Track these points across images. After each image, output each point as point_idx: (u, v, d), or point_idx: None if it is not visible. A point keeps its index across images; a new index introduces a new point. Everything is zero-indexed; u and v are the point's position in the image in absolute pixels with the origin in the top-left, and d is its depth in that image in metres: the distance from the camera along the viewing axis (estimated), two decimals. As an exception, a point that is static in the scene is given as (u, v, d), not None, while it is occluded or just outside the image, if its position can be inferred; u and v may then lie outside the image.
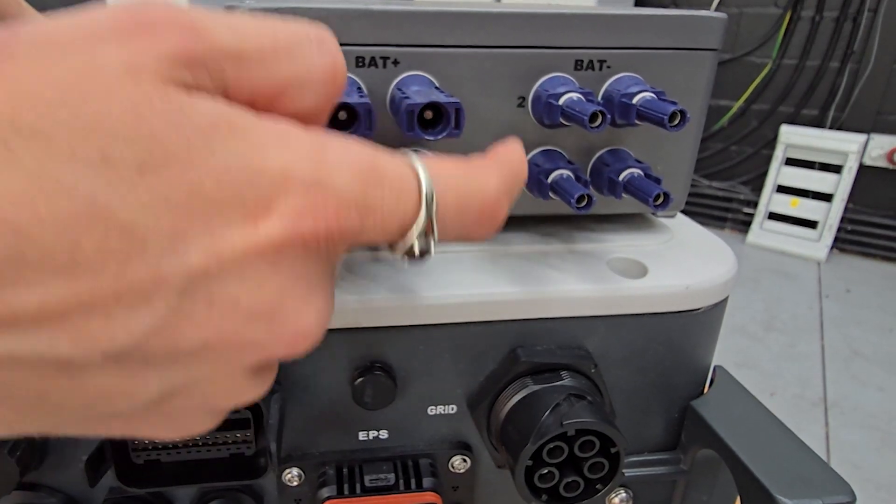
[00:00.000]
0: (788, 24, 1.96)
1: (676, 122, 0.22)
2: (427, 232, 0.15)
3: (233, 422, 0.24)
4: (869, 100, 1.91)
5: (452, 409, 0.26)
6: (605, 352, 0.26)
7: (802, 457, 0.25)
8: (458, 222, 0.16)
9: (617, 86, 0.25)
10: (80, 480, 0.25)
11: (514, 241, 0.28)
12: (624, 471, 0.26)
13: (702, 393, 0.28)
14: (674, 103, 0.22)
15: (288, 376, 0.25)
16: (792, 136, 2.00)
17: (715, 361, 0.29)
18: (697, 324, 0.27)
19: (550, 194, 0.25)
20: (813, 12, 1.92)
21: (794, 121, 2.03)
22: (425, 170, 0.15)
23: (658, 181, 0.24)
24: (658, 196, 0.23)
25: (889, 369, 1.49)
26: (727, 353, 1.54)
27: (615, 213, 0.30)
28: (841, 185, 1.96)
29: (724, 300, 0.27)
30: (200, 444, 0.24)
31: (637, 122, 0.24)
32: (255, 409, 0.24)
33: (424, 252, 0.15)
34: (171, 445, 0.24)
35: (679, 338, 0.27)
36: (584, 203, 0.23)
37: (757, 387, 1.44)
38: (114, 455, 0.23)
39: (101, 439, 0.23)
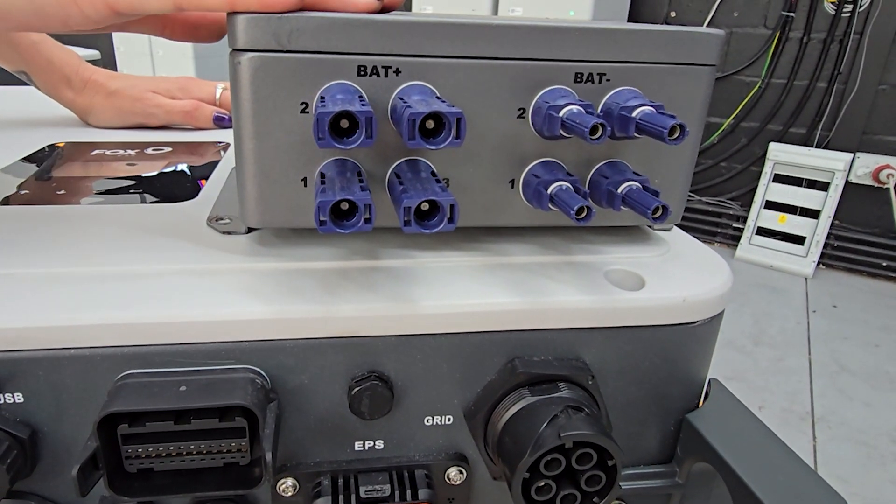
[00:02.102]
0: (777, 44, 1.99)
1: (676, 135, 0.22)
2: None
3: (228, 430, 0.23)
4: (855, 119, 1.94)
5: (449, 419, 0.26)
6: (602, 363, 0.26)
7: (797, 470, 0.25)
8: None
9: (616, 99, 0.25)
10: (70, 489, 0.25)
11: (512, 251, 0.28)
12: (620, 483, 0.26)
13: (697, 406, 0.28)
14: (673, 117, 0.23)
15: (285, 385, 0.25)
16: (780, 154, 2.02)
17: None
18: (694, 336, 0.27)
19: (550, 205, 0.25)
20: (801, 33, 1.95)
21: (782, 139, 2.06)
22: None
23: (656, 194, 0.25)
24: (657, 209, 0.23)
25: (875, 384, 1.50)
26: (717, 366, 1.53)
27: (613, 225, 0.30)
28: (828, 203, 1.98)
29: (720, 313, 0.27)
30: (195, 452, 0.24)
31: (636, 135, 0.24)
32: (250, 417, 0.23)
33: None
34: (164, 454, 0.24)
35: (675, 350, 0.27)
36: (583, 215, 0.23)
37: (746, 400, 1.43)
38: (106, 463, 0.23)
39: (95, 447, 0.23)
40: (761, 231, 2.10)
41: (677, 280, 0.27)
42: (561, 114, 0.24)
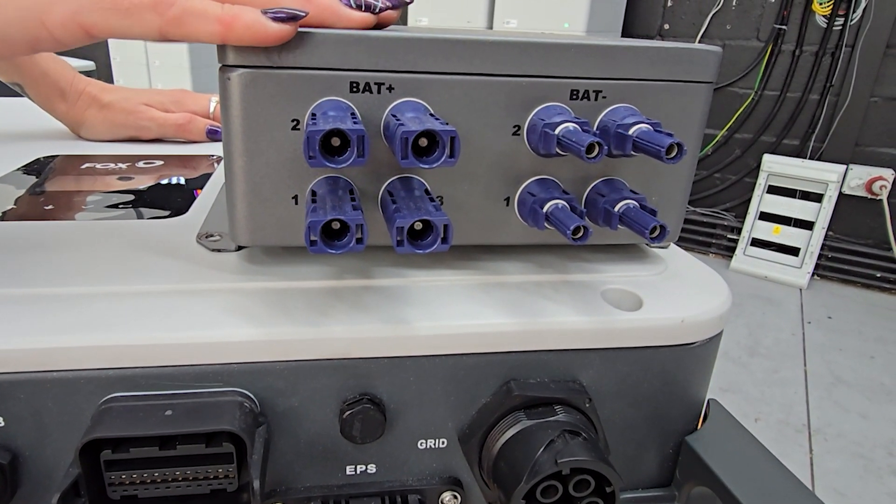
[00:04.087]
0: (770, 56, 2.00)
1: (673, 154, 0.22)
2: None
3: (215, 456, 0.23)
4: (847, 131, 1.95)
5: (443, 443, 0.26)
6: (599, 385, 0.26)
7: (799, 496, 0.24)
8: None
9: (612, 116, 0.25)
10: (51, 517, 0.24)
11: (507, 270, 0.28)
12: (618, 508, 0.25)
13: (696, 427, 0.28)
14: (670, 135, 0.22)
15: (274, 409, 0.24)
16: (774, 165, 2.03)
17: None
18: (692, 357, 0.26)
19: (546, 224, 0.24)
20: (793, 46, 1.97)
21: (775, 150, 2.07)
22: None
23: (654, 213, 0.24)
24: (654, 228, 0.23)
25: (871, 397, 1.50)
26: (712, 378, 1.54)
27: (610, 244, 0.30)
28: (821, 214, 1.99)
29: (719, 334, 0.27)
30: (180, 479, 0.23)
31: (633, 153, 0.24)
32: (238, 442, 0.23)
33: None
34: (149, 480, 0.23)
35: (674, 372, 0.26)
36: (579, 235, 0.23)
37: (741, 412, 1.43)
38: (88, 491, 0.22)
39: (77, 474, 0.22)
40: (756, 242, 2.11)
41: (675, 300, 0.26)
42: (556, 131, 0.23)
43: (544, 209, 0.24)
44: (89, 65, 1.46)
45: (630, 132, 0.23)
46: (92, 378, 0.23)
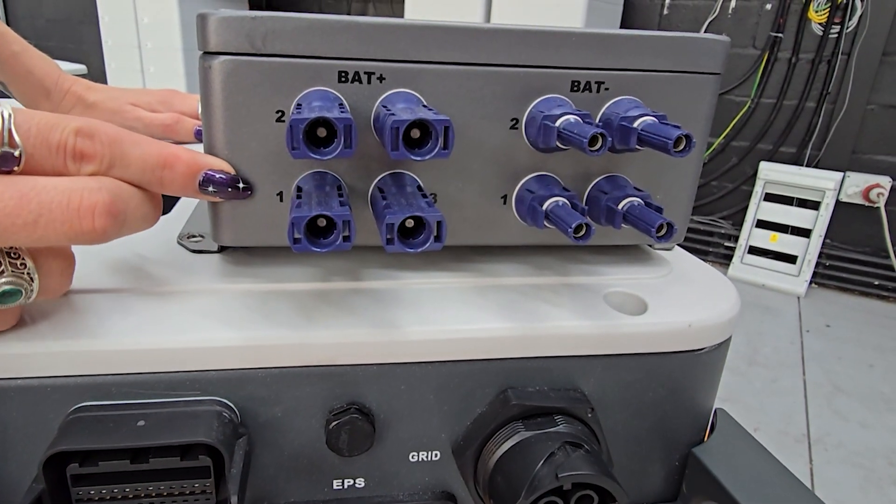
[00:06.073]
0: (766, 64, 2.01)
1: (681, 147, 0.21)
2: (10, 143, 0.18)
3: (191, 470, 0.21)
4: (844, 139, 1.95)
5: (436, 455, 0.24)
6: (602, 394, 0.24)
7: (815, 511, 0.23)
8: (42, 142, 0.19)
9: (616, 109, 0.24)
10: (13, 536, 0.22)
11: (504, 272, 0.27)
12: (622, 525, 0.24)
13: (703, 438, 0.26)
14: (678, 127, 0.21)
15: (256, 419, 0.22)
16: (771, 173, 2.03)
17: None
18: (700, 364, 0.25)
19: (545, 223, 0.23)
20: (789, 54, 1.97)
21: (772, 158, 2.07)
22: (7, 107, 0.19)
23: (659, 210, 0.23)
24: (661, 226, 0.22)
25: (870, 406, 1.48)
26: (710, 387, 1.53)
27: (612, 245, 0.28)
28: (819, 222, 1.98)
29: (728, 340, 0.26)
30: (153, 494, 0.22)
31: (638, 147, 0.22)
32: (216, 455, 0.21)
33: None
34: (119, 496, 0.21)
35: (681, 379, 0.25)
36: (582, 233, 0.22)
37: (741, 421, 1.42)
38: (52, 508, 0.20)
39: (40, 490, 0.20)
40: (753, 250, 2.10)
41: (682, 304, 0.25)
42: (557, 124, 0.22)
43: (544, 207, 0.23)
44: (81, 68, 1.44)
45: (635, 125, 0.22)
46: (59, 386, 0.21)
